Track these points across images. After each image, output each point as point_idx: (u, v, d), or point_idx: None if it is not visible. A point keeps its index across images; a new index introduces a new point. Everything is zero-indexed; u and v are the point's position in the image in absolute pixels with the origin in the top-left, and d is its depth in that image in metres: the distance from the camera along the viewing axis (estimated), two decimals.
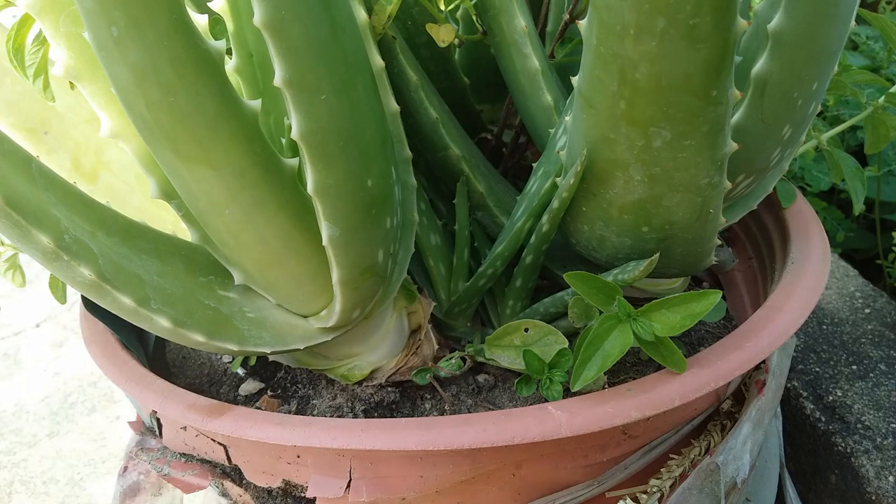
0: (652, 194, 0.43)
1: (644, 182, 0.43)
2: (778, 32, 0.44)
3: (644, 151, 0.41)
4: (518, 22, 0.54)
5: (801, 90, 0.47)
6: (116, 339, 0.60)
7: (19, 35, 0.46)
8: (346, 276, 0.45)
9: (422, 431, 0.44)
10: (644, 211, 0.45)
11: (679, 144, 0.40)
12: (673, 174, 0.42)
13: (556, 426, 0.44)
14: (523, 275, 0.58)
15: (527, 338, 0.55)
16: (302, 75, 0.35)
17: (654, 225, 0.46)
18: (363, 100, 0.41)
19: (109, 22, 0.32)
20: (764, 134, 0.48)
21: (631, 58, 0.36)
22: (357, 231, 0.44)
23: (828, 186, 0.92)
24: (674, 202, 0.44)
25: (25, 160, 0.39)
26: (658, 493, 0.49)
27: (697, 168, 0.41)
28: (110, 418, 1.13)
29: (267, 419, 0.47)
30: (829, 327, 0.83)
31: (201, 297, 0.47)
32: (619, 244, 0.49)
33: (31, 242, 0.37)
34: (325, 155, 0.39)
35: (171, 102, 0.35)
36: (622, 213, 0.46)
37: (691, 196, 0.43)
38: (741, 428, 0.51)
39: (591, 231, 0.49)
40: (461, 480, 0.48)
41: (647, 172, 0.42)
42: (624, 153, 0.42)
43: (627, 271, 0.48)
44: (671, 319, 0.45)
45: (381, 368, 0.58)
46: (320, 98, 0.37)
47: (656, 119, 0.38)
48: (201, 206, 0.42)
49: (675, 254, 0.49)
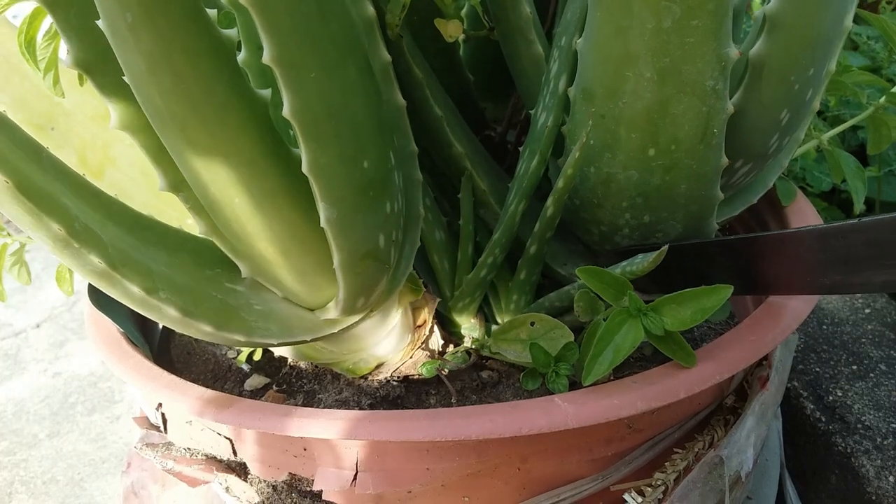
0: (660, 97, 0.45)
1: (653, 80, 0.44)
2: (774, 15, 0.45)
3: (654, 36, 0.42)
4: (523, 9, 0.55)
5: (797, 74, 0.48)
6: (122, 334, 0.60)
7: (31, 28, 0.47)
8: (346, 259, 0.45)
9: (429, 422, 0.44)
10: (651, 124, 0.46)
11: (687, 25, 0.41)
12: (681, 67, 0.43)
13: (564, 417, 0.44)
14: (527, 266, 0.58)
15: (533, 332, 0.55)
16: (289, 52, 0.35)
17: (661, 145, 0.47)
18: (355, 82, 0.41)
19: (124, 9, 0.32)
20: (762, 116, 0.49)
21: None
22: (355, 213, 0.44)
23: (829, 187, 0.93)
24: (680, 110, 0.45)
25: (36, 150, 0.39)
26: (663, 486, 0.49)
27: (703, 60, 0.43)
28: (110, 418, 1.13)
29: (274, 411, 0.47)
30: (829, 327, 0.83)
31: (209, 288, 0.47)
32: (626, 182, 0.50)
33: (43, 229, 0.38)
34: (316, 133, 0.39)
35: (183, 90, 0.35)
36: (630, 131, 0.47)
37: (696, 102, 0.45)
38: (745, 422, 0.52)
39: (598, 171, 0.50)
40: (467, 474, 0.48)
41: (657, 65, 0.43)
42: (635, 43, 0.43)
43: (636, 263, 0.48)
44: (681, 314, 0.45)
45: (386, 363, 0.59)
46: (309, 75, 0.37)
47: None
48: (210, 195, 0.42)
49: (681, 193, 0.49)
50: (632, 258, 0.50)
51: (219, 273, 0.48)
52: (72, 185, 0.41)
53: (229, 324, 0.46)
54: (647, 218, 0.52)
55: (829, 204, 0.98)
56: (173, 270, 0.45)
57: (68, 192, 0.40)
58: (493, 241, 0.57)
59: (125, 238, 0.43)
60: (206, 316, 0.45)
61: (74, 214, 0.39)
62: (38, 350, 1.30)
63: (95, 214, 0.41)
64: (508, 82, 0.68)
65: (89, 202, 0.42)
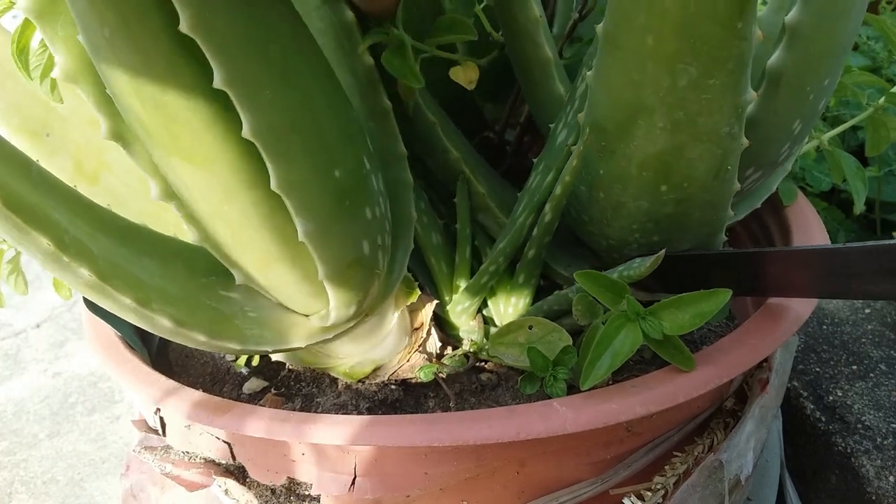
0: (674, 144, 0.44)
1: (667, 130, 0.43)
2: (795, 25, 0.44)
3: (669, 93, 0.41)
4: (532, 11, 0.54)
5: (813, 84, 0.48)
6: (120, 338, 0.60)
7: (23, 37, 0.46)
8: (330, 270, 0.45)
9: (427, 427, 0.44)
10: (664, 165, 0.45)
11: (704, 83, 0.40)
12: (696, 119, 0.42)
13: (562, 422, 0.44)
14: (526, 270, 0.58)
15: (531, 335, 0.55)
16: (238, 73, 0.35)
17: (674, 182, 0.46)
18: (315, 91, 0.41)
19: (101, 23, 0.32)
20: (776, 127, 0.48)
21: None
22: (332, 224, 0.44)
23: (829, 187, 0.93)
24: (695, 153, 0.44)
25: (25, 163, 0.39)
26: (662, 490, 0.49)
27: (720, 113, 0.42)
28: (110, 419, 1.13)
29: (273, 415, 0.47)
30: (829, 327, 0.83)
31: (202, 297, 0.47)
32: (636, 209, 0.49)
33: (32, 244, 0.37)
34: (281, 150, 0.38)
35: (165, 101, 0.35)
36: (642, 170, 0.46)
37: (712, 147, 0.44)
38: (744, 425, 0.51)
39: (608, 198, 0.49)
40: (465, 478, 0.48)
41: (671, 117, 0.42)
42: (649, 96, 0.42)
43: (633, 268, 0.48)
44: (680, 318, 0.45)
45: (384, 366, 0.58)
46: (264, 93, 0.36)
47: (683, 54, 0.39)
48: (199, 206, 0.42)
49: (692, 219, 0.49)
50: (629, 262, 0.49)
51: (213, 281, 0.48)
52: (62, 198, 0.40)
53: (223, 332, 0.46)
54: (656, 238, 0.51)
55: (829, 204, 0.98)
56: (166, 280, 0.45)
57: (58, 205, 0.39)
58: (497, 249, 0.57)
59: (117, 249, 0.42)
60: (199, 325, 0.45)
61: (65, 228, 0.38)
62: (38, 350, 1.30)
63: (86, 227, 0.41)
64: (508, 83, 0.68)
65: (80, 214, 0.41)
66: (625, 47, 0.41)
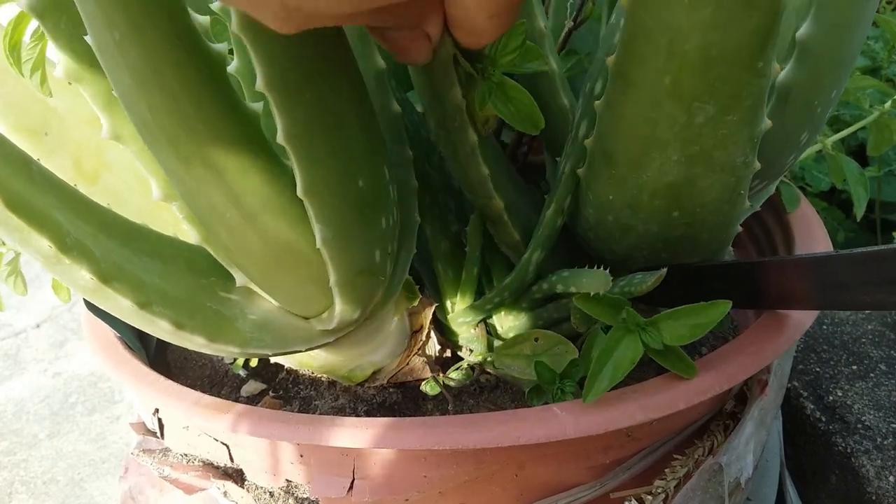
0: (688, 176, 0.43)
1: (681, 163, 0.42)
2: (805, 41, 0.44)
3: (685, 129, 0.40)
4: (538, 23, 0.52)
5: (821, 97, 0.47)
6: (119, 339, 0.60)
7: (16, 32, 0.46)
8: (342, 277, 0.45)
9: (426, 431, 0.44)
10: (677, 194, 0.44)
11: (721, 120, 0.39)
12: (712, 153, 0.41)
13: (561, 428, 0.44)
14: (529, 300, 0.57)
15: (537, 347, 0.54)
16: (281, 76, 0.35)
17: (686, 209, 0.45)
18: (350, 98, 0.41)
19: (111, 26, 0.32)
20: (784, 141, 0.48)
21: (682, 28, 0.35)
22: (351, 232, 0.44)
23: (828, 187, 0.92)
24: (708, 183, 0.43)
25: (25, 162, 0.39)
26: (663, 494, 0.49)
27: (736, 146, 0.41)
28: (111, 419, 1.13)
29: (271, 417, 0.47)
30: (829, 327, 0.83)
31: (203, 299, 0.47)
32: (645, 232, 0.48)
33: (33, 246, 0.37)
34: (311, 156, 0.38)
35: (173, 106, 0.35)
36: (653, 199, 0.45)
37: (726, 176, 0.43)
38: (744, 428, 0.51)
39: (616, 220, 0.48)
40: (465, 481, 0.48)
41: (686, 152, 0.41)
42: (664, 132, 0.41)
43: (634, 284, 0.47)
44: (679, 330, 0.45)
45: (383, 369, 0.58)
46: (304, 97, 0.36)
47: (701, 94, 0.38)
48: (202, 209, 0.41)
49: (702, 239, 0.48)
50: (631, 276, 0.49)
51: (213, 282, 0.48)
52: (64, 198, 0.40)
53: (223, 335, 0.46)
54: (664, 255, 0.50)
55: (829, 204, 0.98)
56: (167, 281, 0.44)
57: (60, 205, 0.39)
58: (504, 284, 0.55)
59: (118, 250, 0.42)
60: (199, 328, 0.44)
61: (66, 229, 0.38)
62: (38, 350, 1.30)
63: (88, 227, 0.41)
64: None
65: (81, 214, 0.41)
66: (639, 85, 0.39)
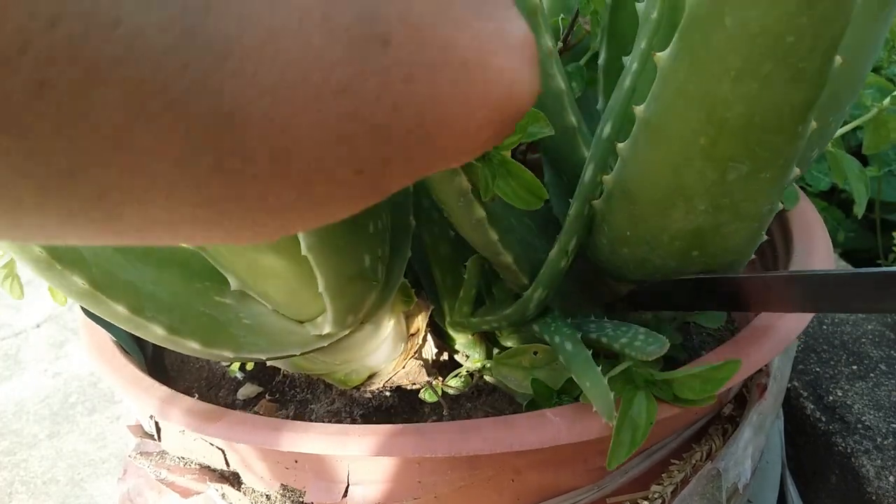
0: (713, 223, 0.42)
1: (707, 212, 0.41)
2: None
3: (716, 185, 0.39)
4: (545, 42, 0.52)
5: (836, 113, 0.47)
6: (115, 343, 0.60)
7: None
8: (330, 282, 0.45)
9: (420, 438, 0.44)
10: (700, 239, 0.44)
11: (755, 178, 0.39)
12: (740, 205, 0.41)
13: (555, 434, 0.43)
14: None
15: (535, 361, 0.54)
16: None
17: (707, 251, 0.45)
18: None
19: None
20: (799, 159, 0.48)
21: (725, 98, 0.35)
22: (336, 237, 0.43)
23: (828, 186, 0.92)
24: (733, 229, 0.43)
25: None
26: (660, 499, 0.48)
27: (766, 198, 0.41)
28: (111, 419, 1.13)
29: (264, 424, 0.47)
30: (829, 327, 0.83)
31: (197, 303, 0.47)
32: (662, 266, 0.47)
33: (23, 252, 0.37)
34: None
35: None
36: (674, 240, 0.44)
37: (751, 223, 0.43)
38: (742, 433, 0.51)
39: (632, 254, 0.48)
40: (460, 486, 0.48)
41: (714, 203, 0.41)
42: (693, 185, 0.40)
43: (635, 348, 0.45)
44: (687, 392, 0.44)
45: (379, 373, 0.58)
46: None
47: (738, 156, 0.37)
48: None
49: (717, 271, 0.48)
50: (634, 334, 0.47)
51: (207, 286, 0.48)
52: None
53: (218, 340, 0.46)
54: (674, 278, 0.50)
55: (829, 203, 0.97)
56: (161, 287, 0.44)
57: None
58: (503, 314, 0.54)
59: (111, 256, 0.42)
60: (193, 333, 0.44)
61: None
62: (38, 350, 1.30)
63: None
64: None
65: None
66: (671, 140, 0.39)
